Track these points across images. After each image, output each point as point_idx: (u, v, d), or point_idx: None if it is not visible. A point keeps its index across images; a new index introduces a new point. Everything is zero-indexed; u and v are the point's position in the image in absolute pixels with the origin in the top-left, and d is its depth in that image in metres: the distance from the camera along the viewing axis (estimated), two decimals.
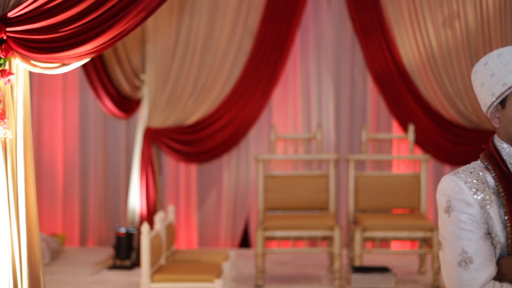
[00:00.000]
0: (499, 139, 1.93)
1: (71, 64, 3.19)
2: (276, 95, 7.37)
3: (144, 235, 4.54)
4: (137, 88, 6.96)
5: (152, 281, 4.63)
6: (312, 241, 6.42)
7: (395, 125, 7.24)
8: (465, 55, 6.81)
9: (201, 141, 7.09)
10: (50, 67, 3.17)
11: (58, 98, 7.44)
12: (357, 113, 7.38)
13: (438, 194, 1.91)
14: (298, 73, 7.39)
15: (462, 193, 1.85)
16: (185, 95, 6.96)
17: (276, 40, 6.97)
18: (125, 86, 6.76)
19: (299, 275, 6.18)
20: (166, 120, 6.97)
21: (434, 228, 5.68)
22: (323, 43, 7.33)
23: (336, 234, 5.61)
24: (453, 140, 6.97)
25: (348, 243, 6.33)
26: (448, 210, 1.87)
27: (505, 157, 1.90)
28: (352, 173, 6.17)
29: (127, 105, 6.91)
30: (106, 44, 3.15)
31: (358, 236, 5.64)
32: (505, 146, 1.90)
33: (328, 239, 5.89)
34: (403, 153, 7.08)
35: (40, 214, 7.36)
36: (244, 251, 7.00)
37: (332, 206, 6.10)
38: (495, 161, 1.90)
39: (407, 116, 6.97)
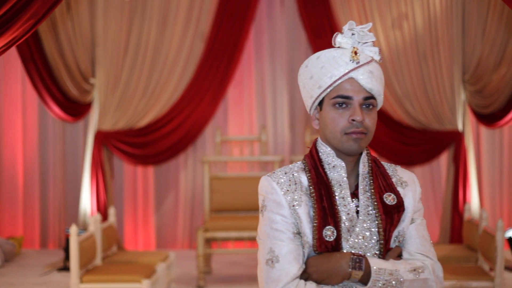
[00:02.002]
0: (320, 141, 1.96)
1: None
2: (232, 97, 7.44)
3: (72, 237, 4.59)
4: (86, 92, 7.01)
5: (81, 281, 4.68)
6: None
7: None
8: (413, 56, 6.86)
9: (152, 144, 7.15)
10: None
11: (17, 103, 7.51)
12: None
13: (258, 195, 1.95)
14: (253, 75, 7.45)
15: (274, 193, 1.87)
16: (136, 98, 7.02)
17: (227, 43, 7.03)
18: (72, 90, 6.81)
19: (246, 275, 6.22)
20: (116, 123, 7.03)
21: None
22: (277, 45, 7.39)
23: None
24: (401, 141, 7.02)
25: None
26: (262, 210, 1.90)
27: (322, 158, 1.92)
28: None
29: (75, 109, 6.96)
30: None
31: None
32: (324, 147, 1.92)
33: None
34: None
35: (1, 216, 7.45)
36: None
37: None
38: (314, 162, 1.93)
39: None
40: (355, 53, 1.89)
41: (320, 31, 6.98)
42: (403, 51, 6.85)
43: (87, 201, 6.94)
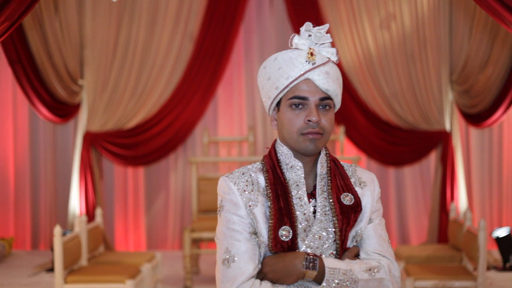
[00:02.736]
0: (279, 141, 1.97)
1: None
2: (221, 97, 7.45)
3: (56, 237, 4.60)
4: (75, 93, 7.01)
5: (66, 282, 4.70)
6: None
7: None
8: (401, 56, 6.87)
9: (141, 145, 7.16)
10: None
11: (8, 104, 7.53)
12: None
13: (217, 195, 1.96)
14: (243, 75, 7.46)
15: (231, 193, 1.88)
16: (125, 99, 7.03)
17: (216, 44, 7.04)
18: (61, 92, 6.80)
19: None
20: (105, 124, 7.04)
21: None
22: (267, 46, 7.41)
23: None
24: (389, 141, 7.03)
25: None
26: (219, 210, 1.91)
27: (281, 158, 1.93)
28: None
29: (63, 110, 6.95)
30: None
31: None
32: (282, 147, 1.93)
33: None
34: (347, 154, 7.15)
35: None
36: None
37: None
38: (272, 162, 1.94)
39: (347, 119, 7.03)
40: (311, 54, 1.90)
41: None
42: (391, 52, 6.87)
43: (76, 202, 6.96)
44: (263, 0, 7.41)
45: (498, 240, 6.29)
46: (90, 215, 6.76)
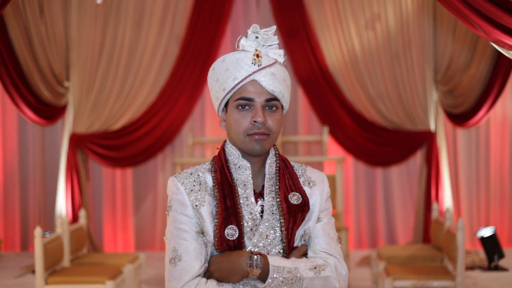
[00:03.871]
0: (228, 142, 1.99)
1: None
2: (209, 98, 7.47)
3: (36, 239, 4.63)
4: (60, 95, 7.02)
5: (46, 283, 4.72)
6: None
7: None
8: (386, 56, 6.89)
9: (128, 146, 7.18)
10: None
11: None
12: (288, 116, 7.46)
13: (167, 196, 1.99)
14: None
15: (178, 193, 1.91)
16: (111, 101, 7.05)
17: (203, 44, 7.06)
18: (46, 94, 6.81)
19: None
20: (91, 125, 7.06)
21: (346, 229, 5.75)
22: None
23: None
24: (374, 141, 7.05)
25: None
26: (168, 210, 1.94)
27: (229, 159, 1.95)
28: None
29: (49, 112, 6.96)
30: None
31: None
32: (231, 148, 1.95)
33: None
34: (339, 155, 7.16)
35: None
36: None
37: None
38: (221, 162, 1.96)
39: (333, 120, 7.04)
40: (257, 55, 1.92)
41: (294, 33, 7.02)
42: (376, 52, 6.89)
43: (62, 203, 6.98)
44: (249, 1, 7.44)
45: (483, 240, 6.30)
46: (76, 217, 6.78)
